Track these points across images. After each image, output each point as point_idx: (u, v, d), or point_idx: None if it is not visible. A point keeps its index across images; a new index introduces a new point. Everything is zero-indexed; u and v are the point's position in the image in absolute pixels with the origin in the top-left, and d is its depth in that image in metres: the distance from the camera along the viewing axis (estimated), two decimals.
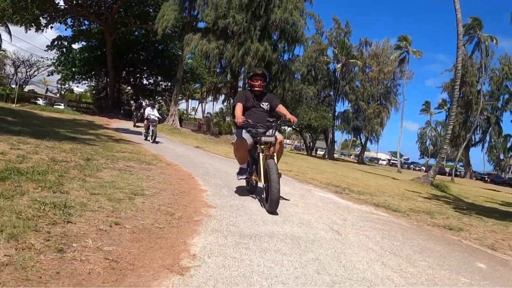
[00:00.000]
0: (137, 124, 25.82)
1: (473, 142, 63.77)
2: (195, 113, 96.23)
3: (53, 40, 40.82)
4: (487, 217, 8.05)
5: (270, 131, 5.75)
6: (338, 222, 5.35)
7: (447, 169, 68.13)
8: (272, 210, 5.13)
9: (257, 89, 6.17)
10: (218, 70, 37.91)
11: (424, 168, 72.98)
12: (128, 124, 26.77)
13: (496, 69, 56.46)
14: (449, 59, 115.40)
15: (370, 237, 4.66)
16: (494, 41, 49.19)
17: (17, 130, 10.30)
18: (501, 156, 73.28)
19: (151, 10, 37.09)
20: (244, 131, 5.90)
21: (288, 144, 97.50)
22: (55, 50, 41.57)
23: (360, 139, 71.81)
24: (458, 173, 67.30)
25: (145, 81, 48.98)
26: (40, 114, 24.45)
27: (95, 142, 11.25)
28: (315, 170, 17.47)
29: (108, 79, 42.69)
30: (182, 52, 33.06)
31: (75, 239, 2.87)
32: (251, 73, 6.36)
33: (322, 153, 70.54)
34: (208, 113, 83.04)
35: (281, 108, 6.24)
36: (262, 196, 5.72)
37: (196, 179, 7.50)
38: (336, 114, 60.09)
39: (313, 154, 60.47)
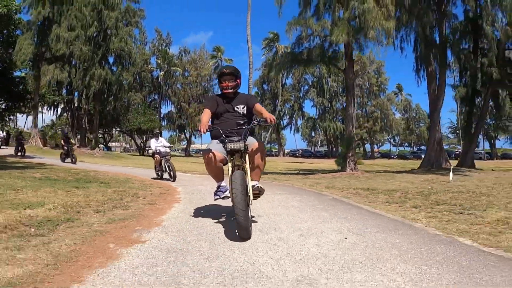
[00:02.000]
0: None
1: (282, 126, 79.87)
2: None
3: None
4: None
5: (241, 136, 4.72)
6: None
7: None
8: (243, 236, 4.10)
9: (226, 91, 5.19)
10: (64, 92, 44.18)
11: None
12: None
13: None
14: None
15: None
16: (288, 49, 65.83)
17: None
18: (313, 134, 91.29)
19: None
20: (215, 141, 5.03)
21: (117, 147, 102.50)
22: None
23: (185, 135, 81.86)
24: (272, 153, 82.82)
25: None
26: None
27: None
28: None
29: None
30: (39, 80, 38.47)
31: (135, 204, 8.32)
32: (218, 74, 5.39)
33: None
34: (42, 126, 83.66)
35: (257, 107, 5.12)
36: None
37: None
38: (162, 115, 69.56)
39: (145, 153, 68.72)
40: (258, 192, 4.92)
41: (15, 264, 3.10)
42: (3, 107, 52.14)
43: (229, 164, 4.72)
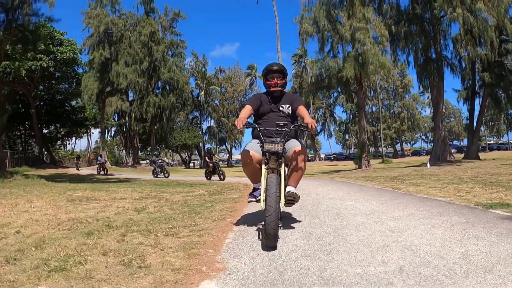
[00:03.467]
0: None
1: (316, 132, 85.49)
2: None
3: None
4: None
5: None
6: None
7: None
8: (269, 245, 3.65)
9: (274, 89, 4.92)
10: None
11: None
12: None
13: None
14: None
15: None
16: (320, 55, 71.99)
17: None
18: (346, 137, 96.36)
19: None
20: (255, 141, 4.71)
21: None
22: None
23: (226, 147, 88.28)
24: (309, 159, 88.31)
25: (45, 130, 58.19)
26: None
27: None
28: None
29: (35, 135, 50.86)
30: (104, 110, 45.72)
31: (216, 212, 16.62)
32: (265, 71, 5.05)
33: (198, 162, 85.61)
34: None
35: (301, 110, 4.82)
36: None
37: None
38: (204, 130, 76.44)
39: (190, 166, 75.89)
40: (293, 199, 4.55)
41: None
42: (62, 132, 59.88)
43: (263, 166, 4.34)
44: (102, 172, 32.65)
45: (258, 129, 4.56)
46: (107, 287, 2.67)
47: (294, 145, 4.56)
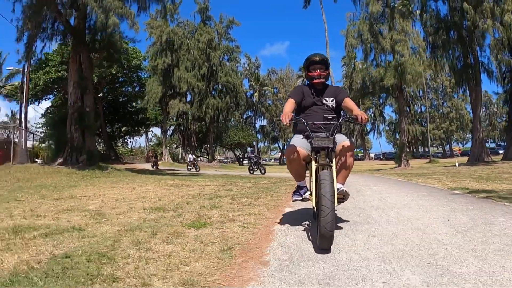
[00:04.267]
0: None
1: (366, 131, 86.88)
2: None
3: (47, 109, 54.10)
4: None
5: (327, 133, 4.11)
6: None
7: None
8: (323, 247, 3.42)
9: (316, 81, 4.66)
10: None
11: None
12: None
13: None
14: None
15: None
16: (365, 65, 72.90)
17: None
18: (397, 136, 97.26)
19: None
20: (300, 136, 4.45)
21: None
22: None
23: (279, 146, 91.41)
24: (358, 157, 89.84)
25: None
26: None
27: None
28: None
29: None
30: (167, 112, 49.99)
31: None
32: (306, 63, 4.80)
33: None
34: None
35: (347, 102, 4.57)
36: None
37: None
38: (257, 129, 79.89)
39: (244, 164, 79.53)
40: (343, 197, 4.31)
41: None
42: (124, 131, 64.48)
43: (313, 162, 4.05)
44: (194, 170, 33.31)
45: (305, 123, 4.20)
46: (243, 210, 5.65)
47: (342, 140, 4.31)
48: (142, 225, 4.69)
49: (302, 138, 4.36)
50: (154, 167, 35.28)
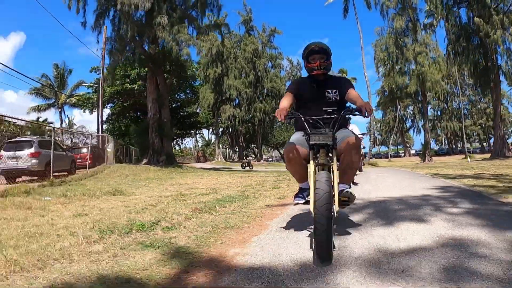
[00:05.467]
0: None
1: (406, 128, 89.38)
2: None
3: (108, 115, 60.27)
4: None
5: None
6: None
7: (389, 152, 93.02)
8: (318, 264, 2.98)
9: (316, 72, 4.19)
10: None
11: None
12: None
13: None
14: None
15: None
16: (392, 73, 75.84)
17: None
18: (439, 133, 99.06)
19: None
20: (301, 133, 4.03)
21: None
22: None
23: None
24: (401, 154, 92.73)
25: None
26: None
27: None
28: None
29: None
30: (217, 116, 55.27)
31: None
32: (305, 53, 4.28)
33: None
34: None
35: (351, 94, 4.11)
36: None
37: None
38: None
39: None
40: (347, 199, 3.90)
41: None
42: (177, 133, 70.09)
43: (311, 162, 3.64)
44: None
45: (303, 118, 3.79)
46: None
47: (346, 136, 3.85)
48: (246, 191, 9.29)
49: (303, 135, 3.90)
50: (247, 167, 36.10)
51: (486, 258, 2.83)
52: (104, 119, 58.42)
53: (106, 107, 56.06)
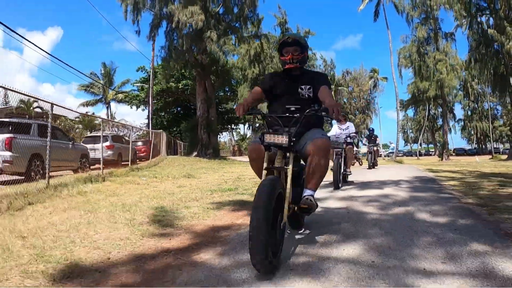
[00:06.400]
0: None
1: (436, 128, 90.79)
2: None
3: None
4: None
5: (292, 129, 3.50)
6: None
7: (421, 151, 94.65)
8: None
9: (289, 65, 3.91)
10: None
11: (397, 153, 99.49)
12: None
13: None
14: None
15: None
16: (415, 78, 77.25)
17: None
18: (472, 132, 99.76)
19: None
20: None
21: None
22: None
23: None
24: (431, 152, 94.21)
25: None
26: None
27: None
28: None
29: None
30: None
31: None
32: (278, 45, 4.08)
33: None
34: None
35: (322, 91, 3.75)
36: None
37: None
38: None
39: None
40: (307, 207, 3.48)
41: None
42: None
43: (264, 164, 3.45)
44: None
45: (264, 115, 3.70)
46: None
47: (313, 137, 3.58)
48: None
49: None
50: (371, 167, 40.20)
51: (406, 201, 6.56)
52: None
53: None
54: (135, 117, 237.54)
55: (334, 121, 11.01)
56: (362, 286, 2.60)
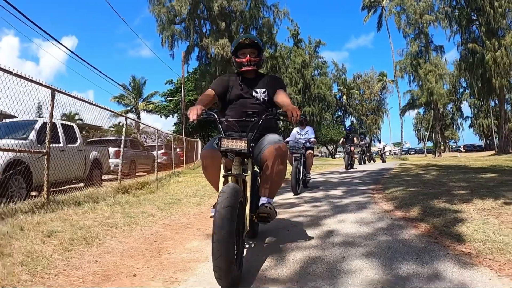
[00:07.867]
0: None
1: (445, 125, 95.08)
2: None
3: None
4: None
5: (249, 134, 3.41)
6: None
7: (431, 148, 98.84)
8: (221, 285, 2.67)
9: (245, 68, 3.90)
10: None
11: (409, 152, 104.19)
12: None
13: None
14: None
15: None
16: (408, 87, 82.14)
17: None
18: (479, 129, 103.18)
19: None
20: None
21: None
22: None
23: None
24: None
25: None
26: None
27: None
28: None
29: None
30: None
31: None
32: (234, 46, 3.97)
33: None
34: None
35: (279, 96, 3.79)
36: None
37: None
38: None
39: (336, 157, 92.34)
40: (266, 215, 3.45)
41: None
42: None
43: (222, 171, 3.36)
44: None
45: (218, 120, 3.51)
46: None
47: (270, 142, 3.53)
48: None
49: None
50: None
51: (355, 183, 12.19)
52: (174, 122, 69.39)
53: (177, 112, 66.93)
54: (161, 125, 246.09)
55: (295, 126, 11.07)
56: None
